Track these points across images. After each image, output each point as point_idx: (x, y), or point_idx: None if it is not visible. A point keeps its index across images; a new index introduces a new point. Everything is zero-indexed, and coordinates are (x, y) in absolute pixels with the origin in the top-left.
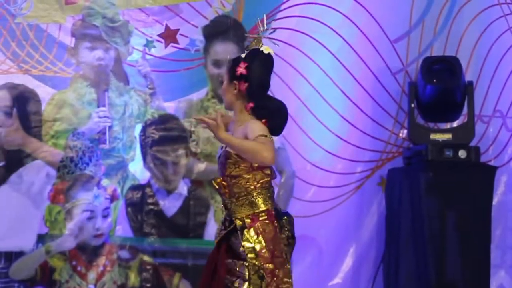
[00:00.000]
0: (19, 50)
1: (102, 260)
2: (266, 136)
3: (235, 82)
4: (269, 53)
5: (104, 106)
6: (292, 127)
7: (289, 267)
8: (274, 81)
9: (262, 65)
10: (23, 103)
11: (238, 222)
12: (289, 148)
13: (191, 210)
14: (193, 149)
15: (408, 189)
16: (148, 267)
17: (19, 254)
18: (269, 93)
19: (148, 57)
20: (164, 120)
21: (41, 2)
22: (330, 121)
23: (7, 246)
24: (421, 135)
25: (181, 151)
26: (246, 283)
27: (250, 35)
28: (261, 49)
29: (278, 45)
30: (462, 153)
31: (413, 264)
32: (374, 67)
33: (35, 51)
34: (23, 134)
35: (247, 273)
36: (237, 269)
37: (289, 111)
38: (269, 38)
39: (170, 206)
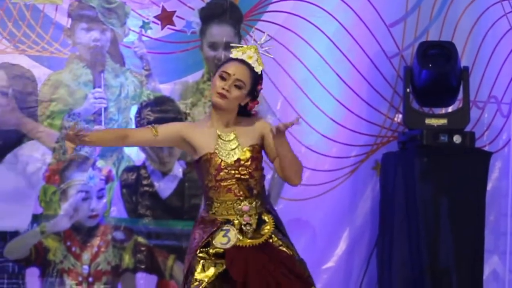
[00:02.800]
0: (16, 30)
1: (96, 241)
2: None
3: (250, 98)
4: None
5: (99, 87)
6: (287, 111)
7: None
8: (270, 64)
9: None
10: (19, 83)
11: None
12: None
13: (186, 192)
14: None
15: (403, 173)
16: (143, 248)
17: (14, 234)
18: (265, 76)
19: (144, 38)
20: (160, 102)
21: None
22: (326, 104)
23: (2, 226)
24: (416, 120)
25: None
26: None
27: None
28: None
29: (272, 56)
30: (457, 138)
31: (407, 249)
32: (370, 51)
33: (32, 31)
34: (18, 114)
35: None
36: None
37: (284, 94)
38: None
39: (165, 187)
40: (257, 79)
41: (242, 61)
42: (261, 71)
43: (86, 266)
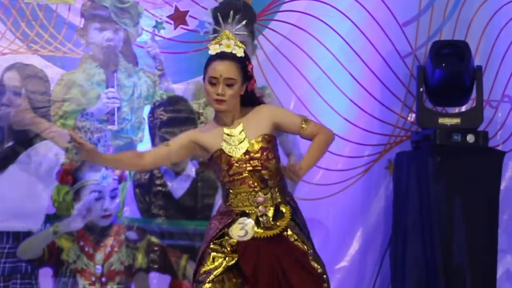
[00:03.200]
0: (29, 30)
1: (109, 241)
2: None
3: (246, 83)
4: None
5: (112, 87)
6: (300, 110)
7: None
8: (283, 64)
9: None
10: (32, 83)
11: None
12: None
13: (199, 191)
14: None
15: (416, 173)
16: (156, 248)
17: (27, 234)
18: (278, 75)
19: (157, 38)
20: (173, 102)
21: None
22: (339, 104)
23: (15, 226)
24: (429, 119)
25: None
26: None
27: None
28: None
29: (246, 33)
30: (470, 138)
31: (420, 249)
32: (383, 51)
33: (45, 31)
34: (31, 114)
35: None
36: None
37: (297, 94)
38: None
39: (178, 187)
40: (243, 62)
41: (222, 57)
42: (244, 51)
43: (99, 266)
